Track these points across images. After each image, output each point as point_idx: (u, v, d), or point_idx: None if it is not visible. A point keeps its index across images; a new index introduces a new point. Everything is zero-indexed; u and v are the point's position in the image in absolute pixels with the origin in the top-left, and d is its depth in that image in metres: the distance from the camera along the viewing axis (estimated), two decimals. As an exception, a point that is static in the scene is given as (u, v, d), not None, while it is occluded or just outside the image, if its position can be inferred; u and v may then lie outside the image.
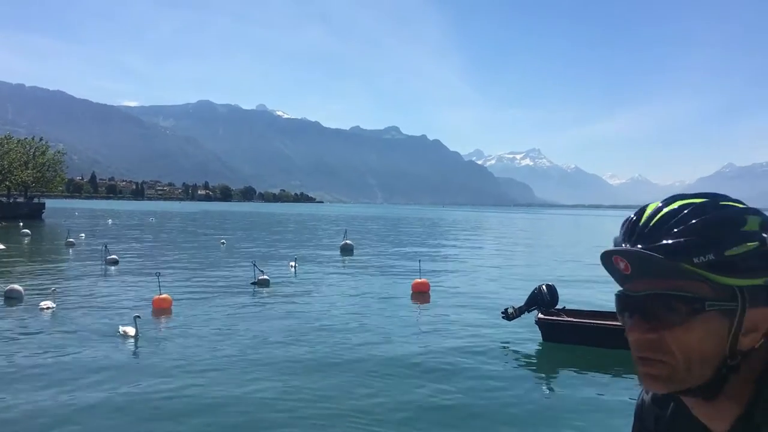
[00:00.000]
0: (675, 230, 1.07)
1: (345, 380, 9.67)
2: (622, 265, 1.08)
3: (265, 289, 19.29)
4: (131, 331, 12.23)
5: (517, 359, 11.46)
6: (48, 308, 15.09)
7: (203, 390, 9.05)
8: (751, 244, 1.05)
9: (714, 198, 1.12)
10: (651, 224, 1.10)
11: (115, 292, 18.27)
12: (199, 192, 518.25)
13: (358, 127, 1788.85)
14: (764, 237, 1.06)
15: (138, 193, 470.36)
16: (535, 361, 11.52)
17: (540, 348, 12.08)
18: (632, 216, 1.15)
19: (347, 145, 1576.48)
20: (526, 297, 12.85)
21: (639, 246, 1.08)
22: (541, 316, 12.34)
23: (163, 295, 15.66)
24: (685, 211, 1.09)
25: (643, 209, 1.15)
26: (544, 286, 12.69)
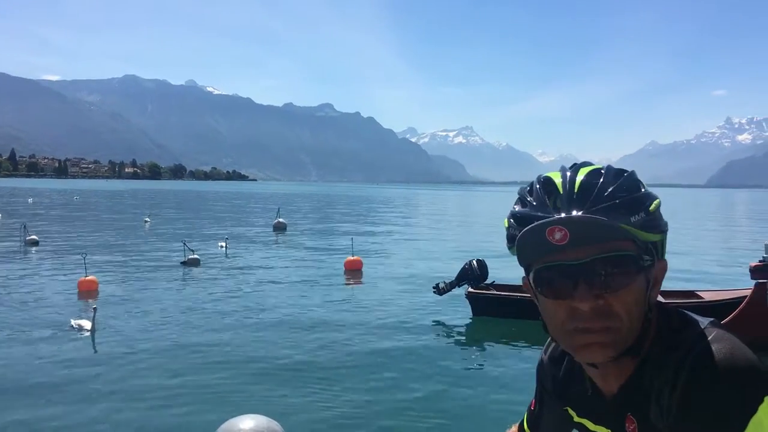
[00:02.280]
0: (606, 193, 1.09)
1: (278, 359, 9.64)
2: (558, 235, 1.05)
3: (196, 269, 18.94)
4: (87, 324, 10.96)
5: (447, 333, 11.69)
6: None
7: (147, 379, 8.86)
8: (658, 201, 1.12)
9: (607, 165, 1.16)
10: (577, 190, 1.11)
11: (36, 275, 17.58)
12: (126, 170, 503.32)
13: (291, 104, 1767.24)
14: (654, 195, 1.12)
15: (61, 171, 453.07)
16: (463, 334, 11.77)
17: (469, 321, 12.34)
18: (540, 189, 1.15)
19: (280, 122, 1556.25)
20: (457, 272, 13.07)
21: (576, 213, 1.07)
22: (470, 290, 12.59)
23: (90, 277, 15.16)
24: (605, 175, 1.13)
25: (549, 180, 1.16)
26: (474, 261, 12.92)
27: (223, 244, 23.75)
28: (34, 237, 24.75)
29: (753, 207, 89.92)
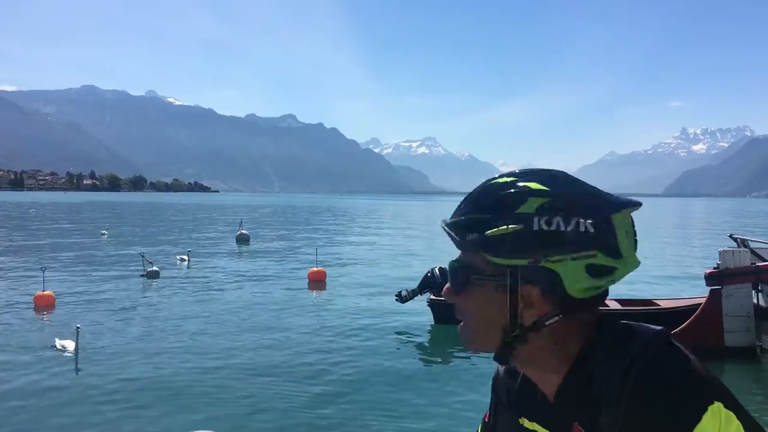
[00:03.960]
0: (462, 207, 1.18)
1: (239, 374, 9.58)
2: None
3: (155, 281, 18.69)
4: (70, 345, 10.28)
5: (409, 340, 11.81)
6: None
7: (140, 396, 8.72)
8: (513, 227, 1.09)
9: (521, 177, 1.16)
10: (464, 199, 1.19)
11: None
12: (85, 182, 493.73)
13: (254, 114, 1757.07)
14: (533, 219, 1.09)
15: (17, 183, 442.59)
16: (425, 341, 11.91)
17: (431, 329, 12.45)
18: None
19: (243, 133, 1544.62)
20: (419, 280, 13.16)
21: (448, 219, 1.20)
22: (432, 297, 12.68)
23: (46, 292, 14.85)
24: (478, 191, 1.18)
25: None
26: (436, 269, 13.00)
27: (185, 256, 23.45)
28: (-12, 251, 24.14)
29: (708, 216, 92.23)
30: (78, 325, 10.33)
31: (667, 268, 23.51)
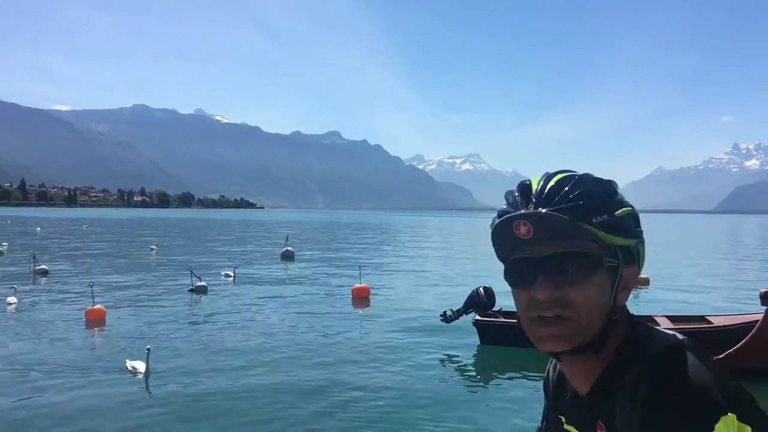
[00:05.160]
0: (572, 195, 1.16)
1: (288, 392, 9.61)
2: (524, 229, 1.15)
3: (203, 297, 18.96)
4: (141, 366, 10.12)
5: (454, 361, 11.63)
6: (12, 303, 16.72)
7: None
8: (627, 209, 1.18)
9: (586, 173, 1.23)
10: (547, 191, 1.19)
11: (44, 305, 17.63)
12: (135, 198, 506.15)
13: (299, 131, 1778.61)
14: (628, 202, 1.20)
15: (71, 199, 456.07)
16: (471, 362, 11.71)
17: (477, 350, 12.29)
18: (516, 190, 1.25)
19: (288, 150, 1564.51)
20: (465, 299, 13.03)
21: (543, 210, 1.16)
22: (478, 317, 12.55)
23: (96, 306, 15.21)
24: (576, 180, 1.20)
25: (528, 182, 1.25)
26: (481, 289, 12.87)
27: (231, 272, 23.76)
28: (43, 267, 24.87)
29: (763, 232, 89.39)
30: (148, 347, 10.23)
31: (719, 285, 22.83)
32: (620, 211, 1.16)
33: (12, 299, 17.43)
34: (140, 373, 9.98)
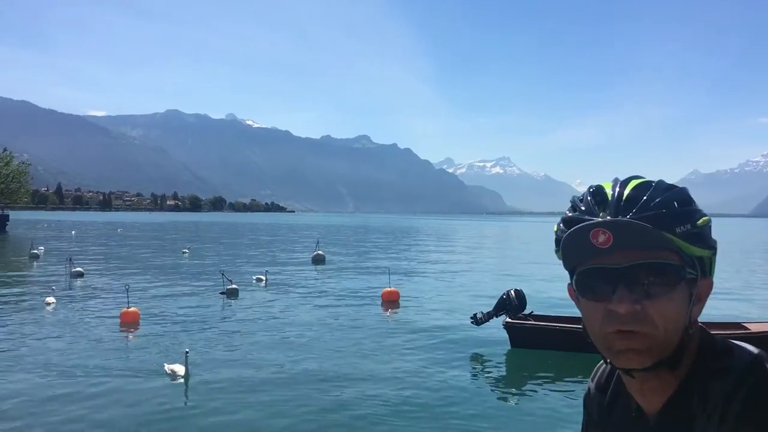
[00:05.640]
0: (653, 203, 1.11)
1: (320, 392, 9.67)
2: (602, 238, 1.08)
3: (234, 300, 19.15)
4: (180, 369, 10.12)
5: (484, 364, 11.60)
6: (50, 303, 17.46)
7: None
8: (706, 218, 1.14)
9: (660, 180, 1.19)
10: (626, 198, 1.13)
11: (80, 307, 17.97)
12: (168, 202, 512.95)
13: (329, 136, 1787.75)
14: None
15: (105, 204, 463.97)
16: (502, 365, 11.66)
17: (507, 353, 12.22)
18: (588, 195, 1.18)
19: (318, 154, 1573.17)
20: (495, 302, 12.99)
21: (622, 217, 1.10)
22: (508, 320, 12.49)
23: (131, 309, 15.45)
24: (655, 186, 1.15)
25: (600, 188, 1.18)
26: (512, 291, 12.83)
27: (262, 276, 23.96)
28: (79, 269, 25.35)
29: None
30: (187, 350, 10.26)
31: (756, 291, 22.38)
32: (701, 220, 1.13)
33: (50, 299, 17.95)
34: (180, 376, 9.99)
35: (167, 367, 10.31)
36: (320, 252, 34.95)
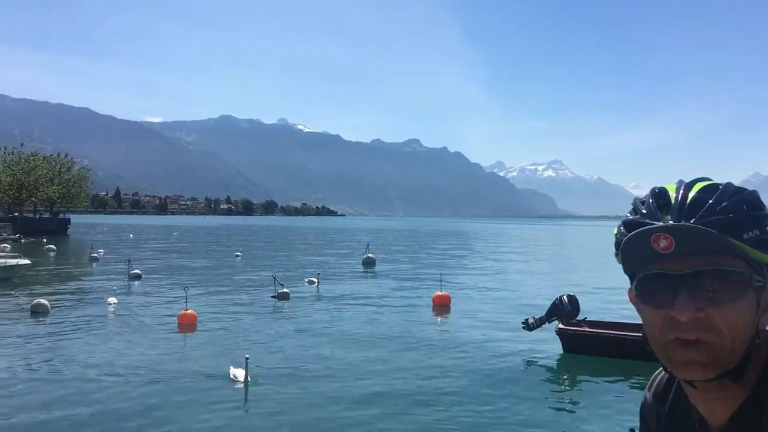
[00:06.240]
0: (719, 207, 1.07)
1: (372, 398, 9.73)
2: (664, 243, 1.04)
3: (287, 303, 19.40)
4: (240, 374, 10.13)
5: (537, 371, 11.45)
6: (112, 303, 18.29)
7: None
8: None
9: (728, 182, 1.14)
10: (690, 202, 1.09)
11: (139, 308, 18.50)
12: (221, 206, 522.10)
13: (379, 140, 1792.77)
14: None
15: (161, 207, 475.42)
16: (555, 372, 11.50)
17: (560, 359, 12.06)
18: (650, 198, 1.14)
19: (368, 158, 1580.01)
20: (547, 308, 12.85)
21: (685, 222, 1.06)
22: (561, 326, 12.32)
23: (189, 311, 15.83)
24: (721, 189, 1.10)
25: (663, 190, 1.14)
26: (565, 297, 12.67)
27: (314, 279, 24.23)
28: (137, 271, 26.09)
29: None
30: (247, 356, 10.27)
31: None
32: None
33: (112, 299, 18.74)
34: (240, 381, 10.03)
35: (232, 371, 10.32)
36: (370, 255, 35.12)
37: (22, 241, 57.35)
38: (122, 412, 8.75)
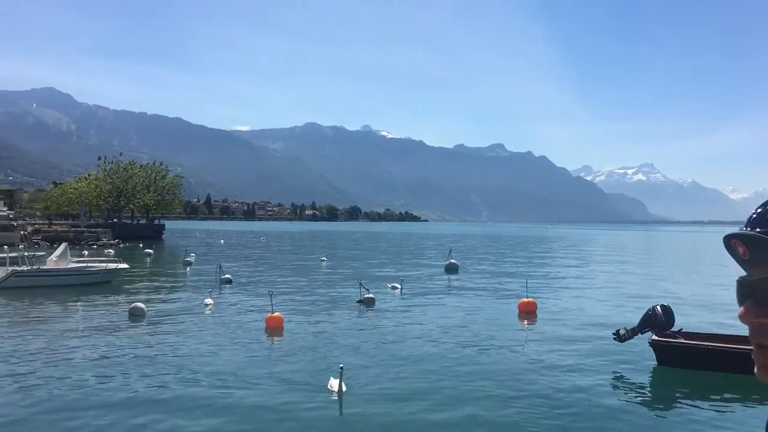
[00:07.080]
0: None
1: (461, 405, 9.63)
2: (740, 249, 1.09)
3: (371, 308, 19.51)
4: (335, 384, 10.07)
5: (629, 384, 11.01)
6: (209, 305, 19.27)
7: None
8: None
9: None
10: (762, 211, 1.12)
11: (230, 311, 19.05)
12: (306, 212, 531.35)
13: (462, 145, 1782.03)
14: None
15: (249, 213, 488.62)
16: (649, 386, 11.03)
17: (654, 372, 11.56)
18: (758, 208, 1.16)
19: (451, 163, 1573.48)
20: (639, 318, 12.37)
21: (755, 230, 1.09)
22: (655, 338, 11.82)
23: (275, 314, 16.16)
24: None
25: None
26: (658, 307, 12.17)
27: (398, 284, 24.29)
28: (227, 276, 26.92)
29: None
30: (341, 365, 10.24)
31: None
32: None
33: (209, 301, 19.71)
34: (334, 391, 9.97)
35: (331, 382, 10.21)
36: (453, 261, 34.91)
37: (121, 246, 60.25)
38: (222, 419, 8.99)
